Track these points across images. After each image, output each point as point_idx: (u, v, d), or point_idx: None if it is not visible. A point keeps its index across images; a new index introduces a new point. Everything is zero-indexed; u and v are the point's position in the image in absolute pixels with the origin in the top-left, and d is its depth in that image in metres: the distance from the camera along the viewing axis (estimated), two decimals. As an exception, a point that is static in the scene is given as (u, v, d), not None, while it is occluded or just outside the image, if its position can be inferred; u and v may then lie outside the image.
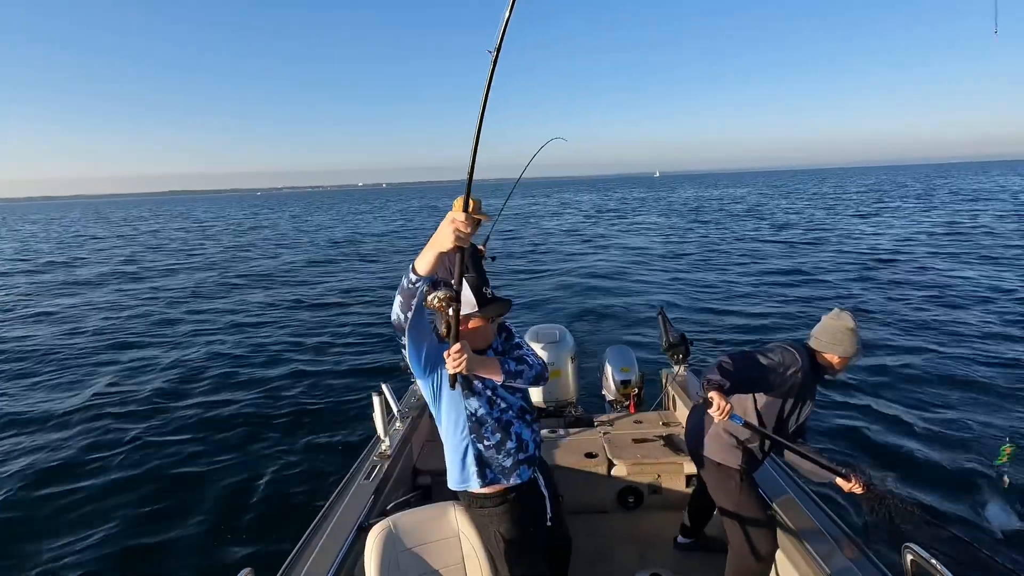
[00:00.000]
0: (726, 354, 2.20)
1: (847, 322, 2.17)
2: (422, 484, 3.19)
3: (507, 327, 2.06)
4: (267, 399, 6.66)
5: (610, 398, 4.18)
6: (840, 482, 2.21)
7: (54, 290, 15.30)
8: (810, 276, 13.01)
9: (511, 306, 1.90)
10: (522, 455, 1.90)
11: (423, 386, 1.85)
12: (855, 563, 2.04)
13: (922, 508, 3.65)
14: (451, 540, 1.94)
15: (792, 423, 2.34)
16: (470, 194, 1.54)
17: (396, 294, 1.61)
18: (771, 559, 2.29)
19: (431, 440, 3.45)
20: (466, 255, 1.58)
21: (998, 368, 6.71)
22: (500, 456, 1.86)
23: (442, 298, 1.67)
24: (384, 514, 2.20)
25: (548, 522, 2.03)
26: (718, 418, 2.03)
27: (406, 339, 1.69)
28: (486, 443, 1.85)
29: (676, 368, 3.91)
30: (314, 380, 7.24)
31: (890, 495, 2.18)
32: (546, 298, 11.95)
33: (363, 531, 2.18)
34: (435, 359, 1.77)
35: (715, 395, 2.02)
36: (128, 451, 5.43)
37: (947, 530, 2.19)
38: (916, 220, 24.12)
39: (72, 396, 7.01)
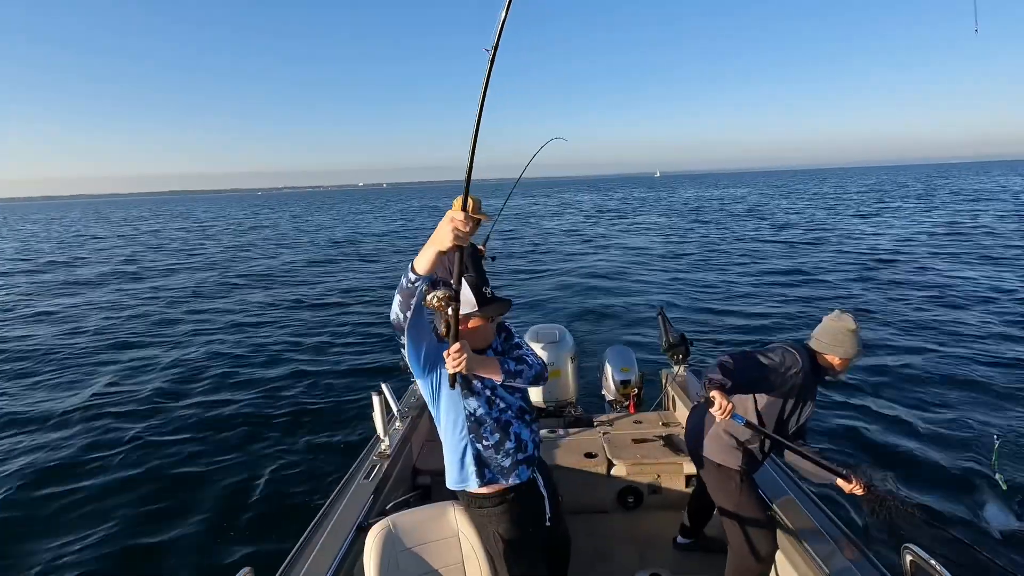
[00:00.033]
0: (727, 354, 2.19)
1: (848, 323, 2.17)
2: (422, 484, 3.19)
3: (506, 327, 2.06)
4: (267, 399, 6.66)
5: (610, 398, 4.18)
6: (841, 483, 2.21)
7: (55, 290, 15.31)
8: (810, 276, 12.99)
9: (511, 306, 1.89)
10: (521, 455, 1.89)
11: (422, 386, 1.85)
12: (855, 564, 2.04)
13: (922, 509, 3.65)
14: (450, 540, 1.94)
15: (792, 424, 2.34)
16: (468, 193, 1.54)
17: (395, 293, 1.61)
18: (771, 560, 2.29)
19: (431, 440, 3.45)
20: (465, 255, 1.58)
21: (998, 368, 6.71)
22: (499, 456, 1.86)
23: (441, 297, 1.66)
24: (384, 514, 2.20)
25: (547, 522, 2.03)
26: (720, 417, 2.02)
27: (405, 338, 1.69)
28: (485, 443, 1.85)
29: (676, 368, 3.91)
30: (314, 380, 7.24)
31: (891, 496, 2.18)
32: (546, 298, 11.94)
33: (362, 531, 2.18)
34: (434, 359, 1.77)
35: (717, 394, 2.01)
36: (128, 450, 5.44)
37: (947, 531, 2.19)
38: (917, 220, 24.11)
39: (72, 396, 7.02)
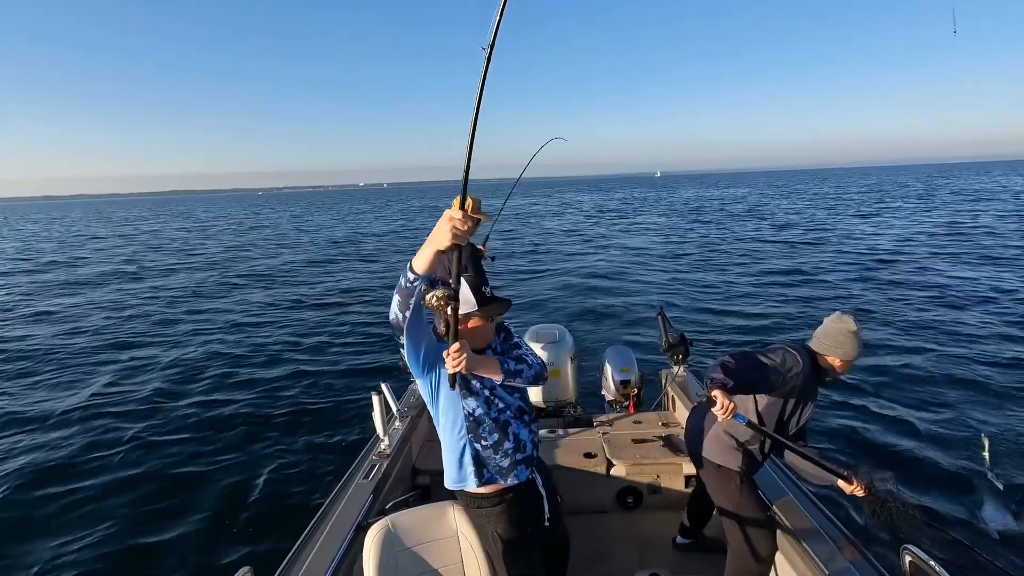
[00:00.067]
0: (728, 354, 2.19)
1: (849, 325, 2.16)
2: (421, 484, 3.19)
3: (505, 327, 2.05)
4: (267, 398, 6.66)
5: (609, 398, 4.17)
6: (842, 484, 2.20)
7: (55, 289, 15.32)
8: (810, 276, 12.98)
9: (510, 305, 1.89)
10: (519, 455, 1.89)
11: (421, 385, 1.85)
12: (854, 565, 2.04)
13: (922, 510, 3.64)
14: (450, 540, 1.94)
15: (793, 425, 2.33)
16: (466, 192, 1.54)
17: (394, 293, 1.61)
18: (771, 561, 2.29)
19: (430, 440, 3.45)
20: (464, 254, 1.57)
21: (998, 368, 6.70)
22: (497, 456, 1.86)
23: (440, 296, 1.65)
24: (383, 513, 2.20)
25: (546, 522, 2.03)
26: (722, 417, 2.00)
27: (404, 338, 1.69)
28: (483, 443, 1.84)
29: (676, 369, 3.91)
30: (314, 379, 7.24)
31: (891, 497, 2.17)
32: (546, 298, 11.93)
33: (362, 530, 2.18)
34: (434, 358, 1.77)
35: (719, 393, 2.00)
36: (128, 450, 5.44)
37: (946, 532, 2.19)
38: (917, 220, 24.09)
39: (72, 395, 7.02)
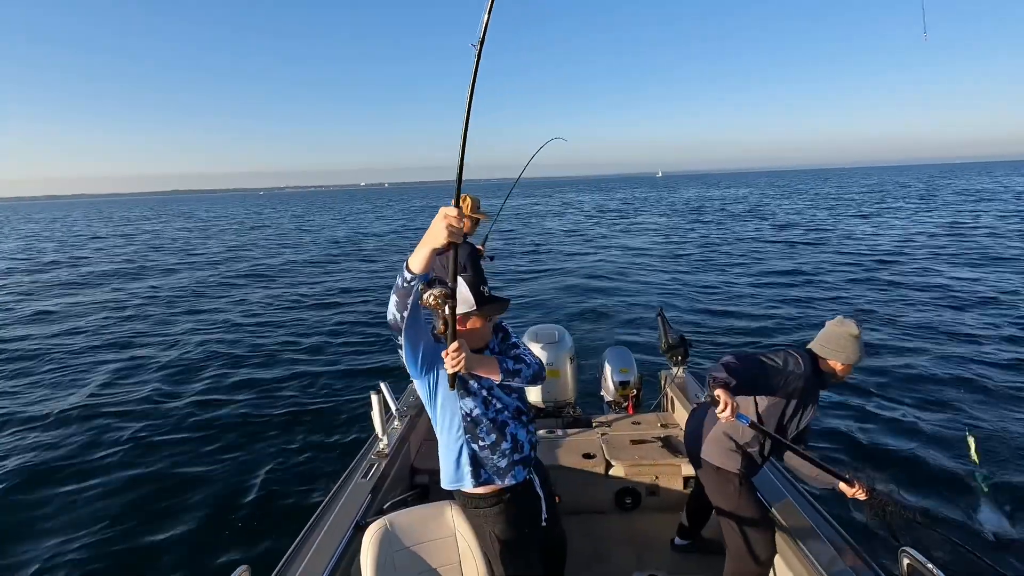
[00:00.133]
0: (730, 354, 2.18)
1: (851, 329, 2.15)
2: (419, 483, 3.19)
3: (503, 327, 2.05)
4: (266, 398, 6.67)
5: (608, 399, 4.17)
6: (843, 487, 2.20)
7: (56, 289, 15.33)
8: (811, 277, 12.97)
9: (509, 305, 1.89)
10: (517, 456, 1.89)
11: (419, 386, 1.84)
12: (853, 568, 2.04)
13: (921, 513, 3.64)
14: (447, 540, 1.93)
15: (793, 428, 2.32)
16: (460, 189, 1.53)
17: (391, 293, 1.60)
18: (769, 563, 2.29)
19: (429, 439, 3.45)
20: (462, 253, 1.56)
21: (998, 368, 6.69)
22: (495, 457, 1.85)
23: (437, 295, 1.64)
24: (381, 513, 2.20)
25: (543, 523, 2.03)
26: (725, 417, 1.96)
27: (403, 339, 1.68)
28: (481, 443, 1.84)
29: (675, 370, 3.90)
30: (313, 379, 7.25)
31: (891, 500, 2.17)
32: (546, 298, 11.93)
33: (360, 530, 2.18)
34: (432, 359, 1.77)
35: (721, 393, 1.96)
36: (127, 450, 5.44)
37: (944, 535, 2.19)
38: (918, 220, 24.06)
39: (71, 395, 7.02)
